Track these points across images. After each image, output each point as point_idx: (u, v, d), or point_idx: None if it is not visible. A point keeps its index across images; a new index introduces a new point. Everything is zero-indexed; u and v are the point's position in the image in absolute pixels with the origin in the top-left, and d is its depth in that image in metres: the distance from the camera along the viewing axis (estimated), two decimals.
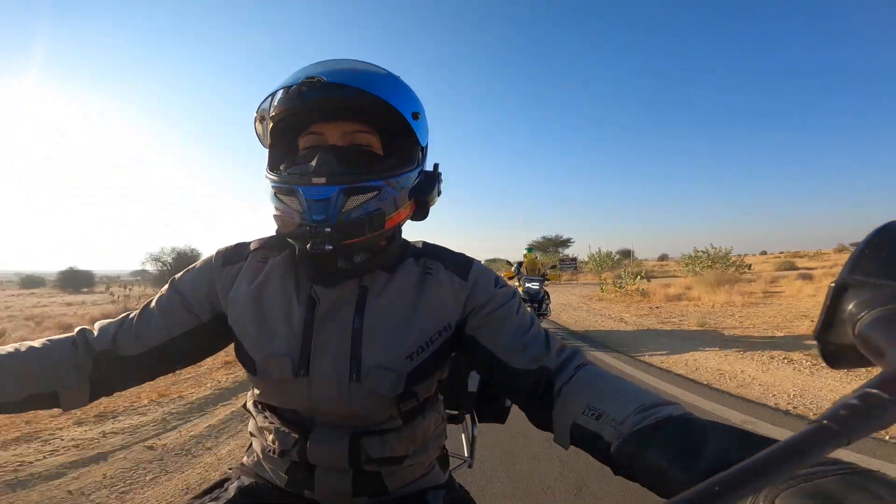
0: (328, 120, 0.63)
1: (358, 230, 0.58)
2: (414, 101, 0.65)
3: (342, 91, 0.59)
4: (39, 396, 0.59)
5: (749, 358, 4.53)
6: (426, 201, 0.68)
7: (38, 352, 0.61)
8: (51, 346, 0.62)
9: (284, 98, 0.62)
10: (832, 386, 3.52)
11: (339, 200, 0.57)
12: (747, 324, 6.67)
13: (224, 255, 0.70)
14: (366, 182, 0.58)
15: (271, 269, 0.66)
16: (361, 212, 0.58)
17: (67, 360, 0.61)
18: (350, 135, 0.63)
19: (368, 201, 0.58)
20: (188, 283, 0.68)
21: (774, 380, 3.73)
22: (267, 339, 0.62)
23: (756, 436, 0.37)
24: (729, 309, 8.44)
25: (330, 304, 0.62)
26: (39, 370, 0.59)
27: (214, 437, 2.77)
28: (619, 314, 8.67)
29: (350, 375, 0.60)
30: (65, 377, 0.61)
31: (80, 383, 0.62)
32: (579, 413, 0.51)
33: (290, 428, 0.64)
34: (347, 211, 0.57)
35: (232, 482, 0.69)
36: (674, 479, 0.37)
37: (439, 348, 0.64)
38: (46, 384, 0.60)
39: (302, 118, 0.64)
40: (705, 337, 5.85)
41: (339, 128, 0.63)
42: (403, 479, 0.67)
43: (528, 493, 2.00)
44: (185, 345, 0.66)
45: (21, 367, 0.58)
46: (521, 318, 0.64)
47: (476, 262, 0.69)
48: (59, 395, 0.61)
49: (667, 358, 4.72)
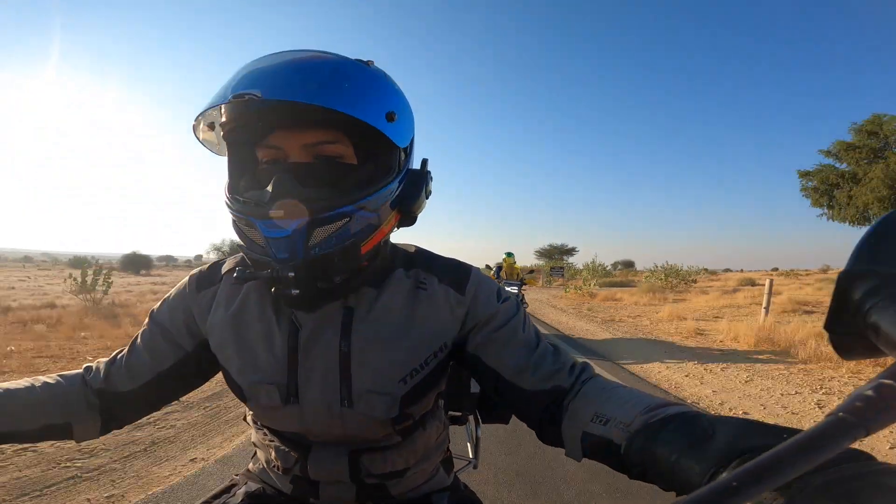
0: (286, 129, 0.53)
1: (328, 266, 0.52)
2: (386, 97, 0.55)
3: (289, 105, 0.49)
4: (54, 427, 0.60)
5: (585, 320, 9.62)
6: (412, 210, 0.60)
7: (52, 387, 0.62)
8: (63, 381, 0.63)
9: (229, 106, 0.53)
10: (586, 328, 8.55)
11: (303, 234, 0.50)
12: (621, 314, 11.58)
13: (198, 280, 0.67)
14: (333, 210, 0.51)
15: (248, 292, 0.63)
16: (331, 245, 0.51)
17: (79, 395, 0.63)
18: (313, 147, 0.53)
19: (338, 231, 0.52)
20: (165, 314, 0.66)
21: (588, 326, 8.71)
22: (250, 366, 0.60)
23: (765, 424, 0.34)
24: (633, 308, 12.99)
25: (313, 328, 0.58)
26: (52, 403, 0.60)
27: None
28: (559, 304, 13.73)
29: (341, 401, 0.58)
30: (76, 410, 0.62)
31: (90, 417, 0.63)
32: (587, 422, 0.49)
33: (288, 447, 0.64)
34: (313, 245, 0.51)
35: (239, 487, 0.70)
36: (686, 469, 0.34)
37: (435, 368, 0.61)
38: (61, 416, 0.61)
39: (255, 128, 0.54)
40: (582, 314, 10.89)
41: (298, 139, 0.53)
42: (407, 486, 0.67)
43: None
44: (176, 375, 0.65)
45: (36, 399, 0.59)
46: (527, 335, 0.61)
47: (474, 272, 0.64)
48: (72, 426, 0.62)
49: (552, 318, 9.86)
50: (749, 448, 0.32)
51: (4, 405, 0.57)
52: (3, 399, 0.58)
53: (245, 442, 2.75)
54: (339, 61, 0.54)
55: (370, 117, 0.51)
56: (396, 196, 0.58)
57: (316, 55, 0.54)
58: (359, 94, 0.52)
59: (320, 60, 0.53)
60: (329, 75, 0.52)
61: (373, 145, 0.56)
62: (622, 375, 4.69)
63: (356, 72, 0.54)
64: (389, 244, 0.65)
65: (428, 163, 0.65)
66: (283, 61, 0.52)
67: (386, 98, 0.55)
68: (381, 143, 0.56)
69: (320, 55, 0.55)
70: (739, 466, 0.22)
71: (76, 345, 5.56)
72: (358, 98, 0.51)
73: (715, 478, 0.31)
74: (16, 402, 0.58)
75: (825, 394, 3.96)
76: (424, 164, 0.64)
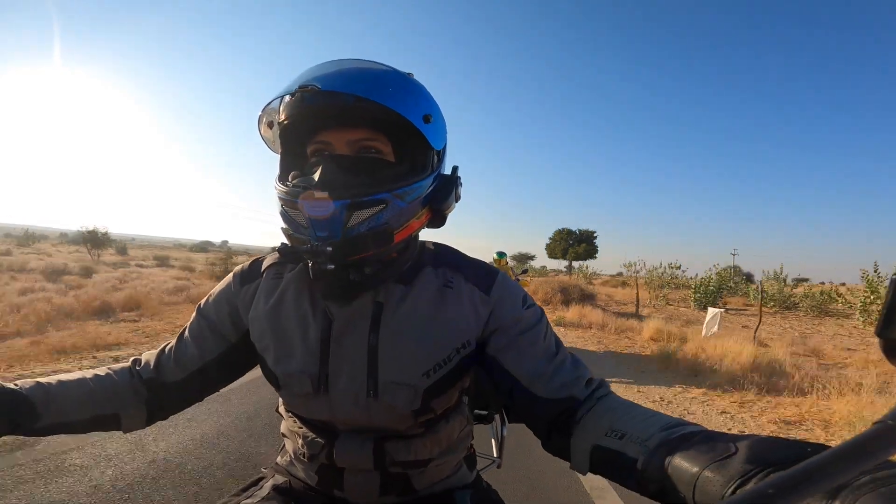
0: (334, 127, 0.60)
1: (362, 247, 0.56)
2: (425, 102, 0.61)
3: (342, 98, 0.56)
4: (103, 418, 0.63)
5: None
6: (442, 209, 0.64)
7: (102, 379, 0.65)
8: (113, 373, 0.66)
9: (288, 104, 0.60)
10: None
11: (342, 216, 0.55)
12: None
13: (241, 275, 0.71)
14: (371, 195, 0.56)
15: (286, 285, 0.67)
16: (366, 227, 0.56)
17: (126, 387, 0.66)
18: (357, 143, 0.60)
19: (374, 216, 0.56)
20: (211, 308, 0.70)
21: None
22: (286, 356, 0.63)
23: (788, 439, 0.34)
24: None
25: (345, 321, 0.62)
26: (103, 395, 0.63)
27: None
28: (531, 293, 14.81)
29: (367, 392, 0.60)
30: (125, 402, 0.65)
31: (137, 408, 0.66)
32: (601, 435, 0.49)
33: (316, 434, 0.66)
34: (351, 227, 0.56)
35: (267, 480, 0.72)
36: (708, 482, 0.33)
37: (458, 365, 0.63)
38: (110, 407, 0.64)
39: (308, 125, 0.61)
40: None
41: (345, 135, 0.60)
42: (430, 479, 0.69)
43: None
44: (220, 366, 0.69)
45: (88, 391, 0.62)
46: (548, 343, 0.62)
47: (500, 275, 0.66)
48: (120, 417, 0.65)
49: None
50: (774, 462, 0.31)
51: (58, 396, 0.60)
52: (57, 390, 0.60)
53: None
54: (385, 69, 0.62)
55: (410, 115, 0.57)
56: (429, 194, 0.62)
57: (366, 62, 0.62)
58: (401, 96, 0.58)
59: (370, 67, 0.61)
60: (377, 77, 0.59)
61: (410, 146, 0.62)
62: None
63: (399, 78, 0.61)
64: (417, 245, 0.68)
65: (458, 170, 0.69)
66: (339, 66, 0.59)
67: (424, 103, 0.61)
68: (418, 145, 0.62)
69: (370, 62, 0.62)
70: (766, 479, 0.22)
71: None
72: (400, 99, 0.58)
73: (738, 491, 0.31)
74: (68, 394, 0.61)
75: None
76: (455, 171, 0.69)
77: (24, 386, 0.58)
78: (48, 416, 0.58)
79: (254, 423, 2.92)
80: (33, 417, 0.57)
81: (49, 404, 0.58)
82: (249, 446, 2.56)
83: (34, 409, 0.57)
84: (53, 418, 0.59)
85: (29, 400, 0.57)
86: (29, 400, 0.57)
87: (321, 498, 0.68)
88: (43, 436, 0.69)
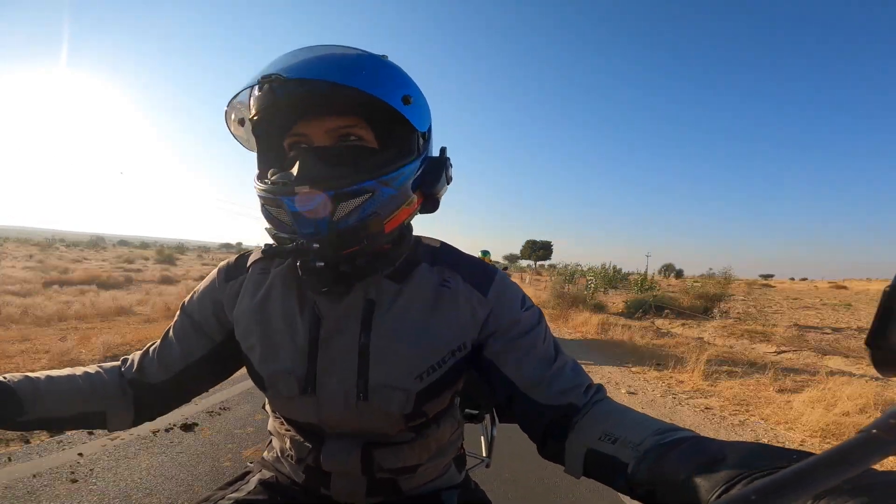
0: (309, 118, 0.56)
1: (351, 239, 0.54)
2: (402, 83, 0.57)
3: (314, 86, 0.53)
4: (89, 415, 0.62)
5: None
6: (433, 192, 0.62)
7: (92, 376, 0.63)
8: (103, 372, 0.65)
9: (257, 98, 0.57)
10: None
11: (327, 209, 0.52)
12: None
13: (226, 270, 0.68)
14: (355, 185, 0.52)
15: (273, 281, 0.64)
16: (354, 219, 0.53)
17: (115, 386, 0.64)
18: (335, 131, 0.57)
19: (361, 206, 0.53)
20: (195, 306, 0.68)
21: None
22: (272, 355, 0.61)
23: (775, 447, 0.34)
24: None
25: (334, 320, 0.59)
26: (90, 391, 0.62)
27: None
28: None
29: (357, 394, 0.58)
30: (111, 400, 0.63)
31: (124, 407, 0.65)
32: (595, 439, 0.49)
33: (303, 437, 0.64)
34: (338, 220, 0.53)
35: (253, 475, 0.71)
36: (694, 488, 0.34)
37: (452, 368, 0.60)
38: (96, 404, 0.62)
39: (282, 118, 0.58)
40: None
41: (322, 125, 0.56)
42: (418, 482, 0.67)
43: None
44: (206, 367, 0.67)
45: (76, 387, 0.61)
46: (547, 347, 0.60)
47: (498, 275, 0.63)
48: (106, 415, 0.63)
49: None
50: (760, 468, 0.31)
51: (45, 391, 0.58)
52: (44, 385, 0.59)
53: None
54: (359, 52, 0.58)
55: (388, 97, 0.54)
56: (417, 178, 0.60)
57: (338, 47, 0.58)
58: (376, 79, 0.54)
59: (342, 52, 0.57)
60: (350, 61, 0.55)
61: (392, 130, 0.59)
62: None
63: (373, 60, 0.57)
64: (413, 236, 0.66)
65: (447, 150, 0.66)
66: (309, 54, 0.55)
67: (402, 84, 0.57)
68: (400, 128, 0.58)
69: (340, 47, 0.58)
70: (749, 485, 0.22)
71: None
72: (376, 81, 0.54)
73: (723, 496, 0.31)
74: (56, 389, 0.59)
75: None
76: (443, 152, 0.65)
77: (13, 380, 0.57)
78: (34, 410, 0.57)
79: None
80: (18, 411, 0.55)
81: (36, 399, 0.57)
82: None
83: (20, 403, 0.56)
84: (39, 413, 0.57)
85: (15, 394, 0.56)
86: (15, 394, 0.56)
87: (307, 495, 0.67)
88: (26, 430, 0.65)
